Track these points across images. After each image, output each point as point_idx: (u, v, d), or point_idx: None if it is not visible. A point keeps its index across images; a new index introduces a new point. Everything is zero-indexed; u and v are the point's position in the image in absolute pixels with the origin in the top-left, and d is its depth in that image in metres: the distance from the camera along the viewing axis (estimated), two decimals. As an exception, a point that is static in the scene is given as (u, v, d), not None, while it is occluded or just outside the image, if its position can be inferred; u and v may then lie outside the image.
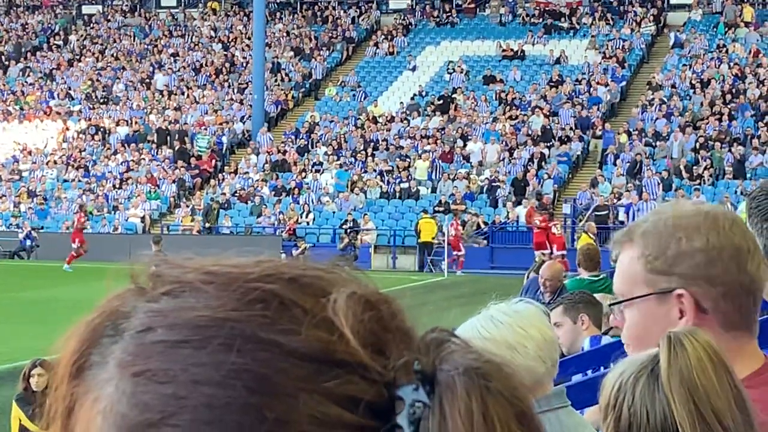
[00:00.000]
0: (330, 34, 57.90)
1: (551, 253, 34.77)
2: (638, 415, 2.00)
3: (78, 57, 59.70)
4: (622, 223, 38.57)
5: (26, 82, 58.01)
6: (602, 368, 7.73)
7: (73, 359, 0.90)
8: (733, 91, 46.27)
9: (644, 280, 2.46)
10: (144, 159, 49.25)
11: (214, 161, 48.67)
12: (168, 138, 50.26)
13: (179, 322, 0.87)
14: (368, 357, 0.87)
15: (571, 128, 45.80)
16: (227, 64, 56.51)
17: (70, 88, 56.60)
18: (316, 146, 48.24)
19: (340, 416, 0.85)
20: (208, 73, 55.85)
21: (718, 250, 2.40)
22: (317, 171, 45.83)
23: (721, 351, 2.07)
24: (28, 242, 43.66)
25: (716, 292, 2.41)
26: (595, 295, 10.29)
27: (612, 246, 2.56)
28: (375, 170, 44.99)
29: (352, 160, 46.32)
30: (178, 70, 56.47)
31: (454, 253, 38.01)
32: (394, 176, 44.46)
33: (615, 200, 39.86)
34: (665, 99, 46.46)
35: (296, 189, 44.72)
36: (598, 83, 48.78)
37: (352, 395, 0.86)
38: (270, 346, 0.86)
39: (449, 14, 57.61)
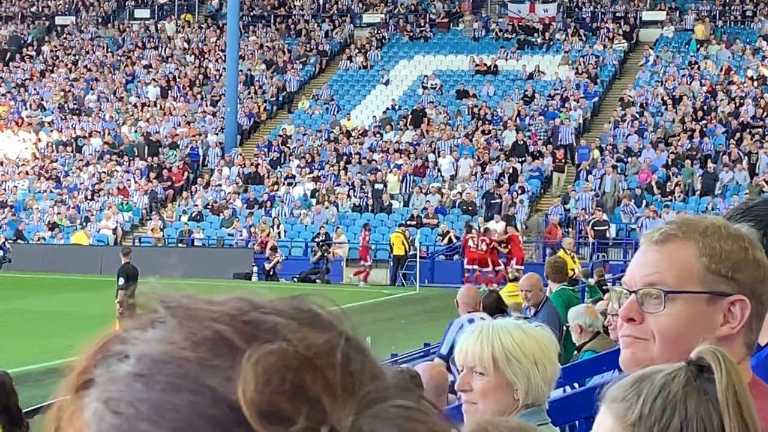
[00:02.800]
0: (303, 48, 57.90)
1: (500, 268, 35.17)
2: (694, 428, 2.01)
3: (51, 68, 59.49)
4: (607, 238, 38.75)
5: (-2, 92, 57.79)
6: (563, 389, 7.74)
7: (76, 377, 0.93)
8: (705, 108, 46.48)
9: (701, 279, 2.44)
10: (116, 170, 49.08)
11: (186, 173, 48.55)
12: (140, 150, 50.13)
13: (144, 353, 0.90)
14: (259, 422, 0.85)
15: (543, 143, 45.89)
16: (200, 77, 56.43)
17: (42, 99, 56.39)
18: (289, 159, 48.19)
19: None
20: (181, 85, 55.75)
21: (765, 270, 2.44)
22: (290, 184, 45.75)
23: None
24: (1, 253, 43.41)
25: (755, 309, 2.43)
26: (582, 305, 10.31)
27: (655, 235, 2.49)
28: (348, 184, 44.98)
29: (325, 173, 46.29)
30: (151, 82, 56.32)
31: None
32: (366, 190, 44.44)
33: (587, 215, 39.96)
34: (637, 115, 46.63)
35: (268, 202, 44.64)
36: (572, 98, 48.92)
37: None
38: (205, 390, 0.87)
39: (423, 29, 57.70)
